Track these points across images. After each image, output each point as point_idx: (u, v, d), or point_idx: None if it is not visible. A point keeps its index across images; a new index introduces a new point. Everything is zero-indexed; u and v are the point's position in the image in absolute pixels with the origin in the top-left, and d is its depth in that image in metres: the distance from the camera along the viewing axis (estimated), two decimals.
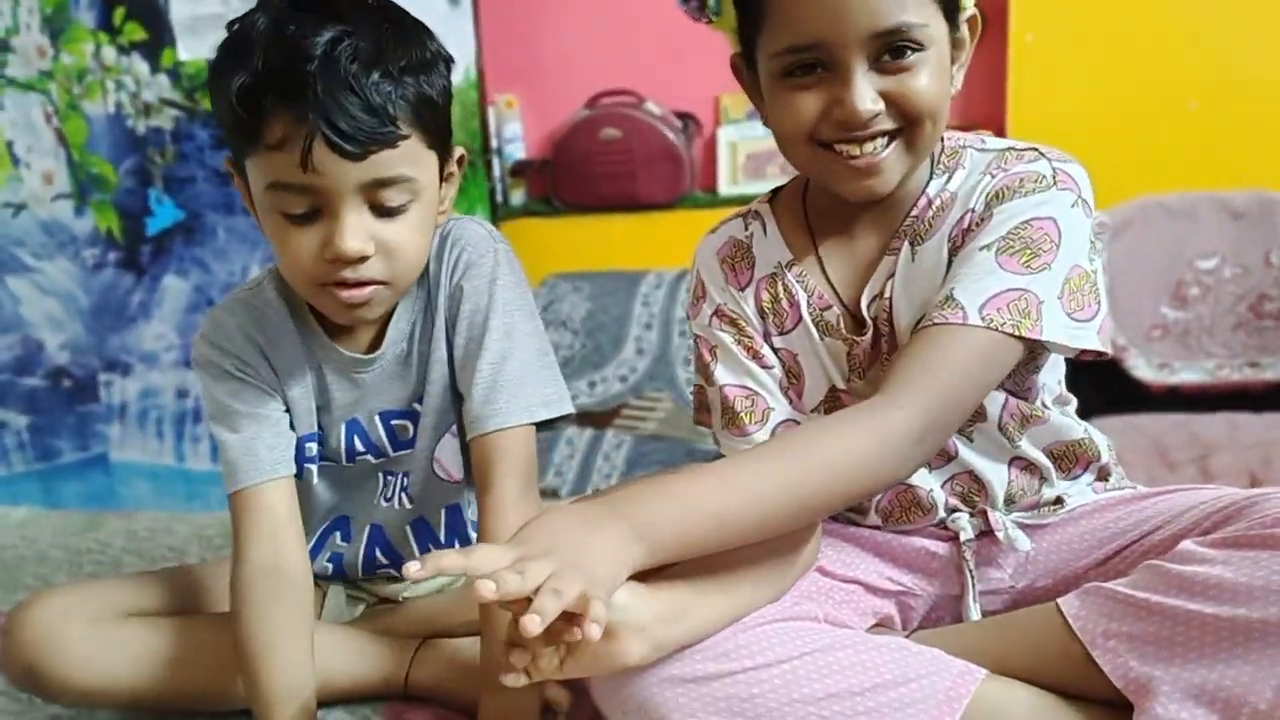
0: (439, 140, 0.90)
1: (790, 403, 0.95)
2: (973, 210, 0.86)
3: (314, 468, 1.04)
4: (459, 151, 0.95)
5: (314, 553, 1.10)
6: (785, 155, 0.88)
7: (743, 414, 0.93)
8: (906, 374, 0.79)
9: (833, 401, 0.94)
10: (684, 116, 2.44)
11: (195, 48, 1.86)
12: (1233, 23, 2.12)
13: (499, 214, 2.51)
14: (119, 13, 1.90)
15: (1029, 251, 0.81)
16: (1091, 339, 0.82)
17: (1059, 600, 0.81)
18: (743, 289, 0.95)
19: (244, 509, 0.95)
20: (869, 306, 0.90)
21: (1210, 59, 2.14)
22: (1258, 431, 1.80)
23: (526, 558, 0.65)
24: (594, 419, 2.13)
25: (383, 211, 0.86)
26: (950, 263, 0.85)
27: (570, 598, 0.63)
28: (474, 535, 1.11)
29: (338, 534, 1.11)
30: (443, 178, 0.93)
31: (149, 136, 1.95)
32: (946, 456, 0.92)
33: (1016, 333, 0.79)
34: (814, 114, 0.81)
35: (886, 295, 0.88)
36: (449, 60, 0.91)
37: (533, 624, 0.61)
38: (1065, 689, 0.80)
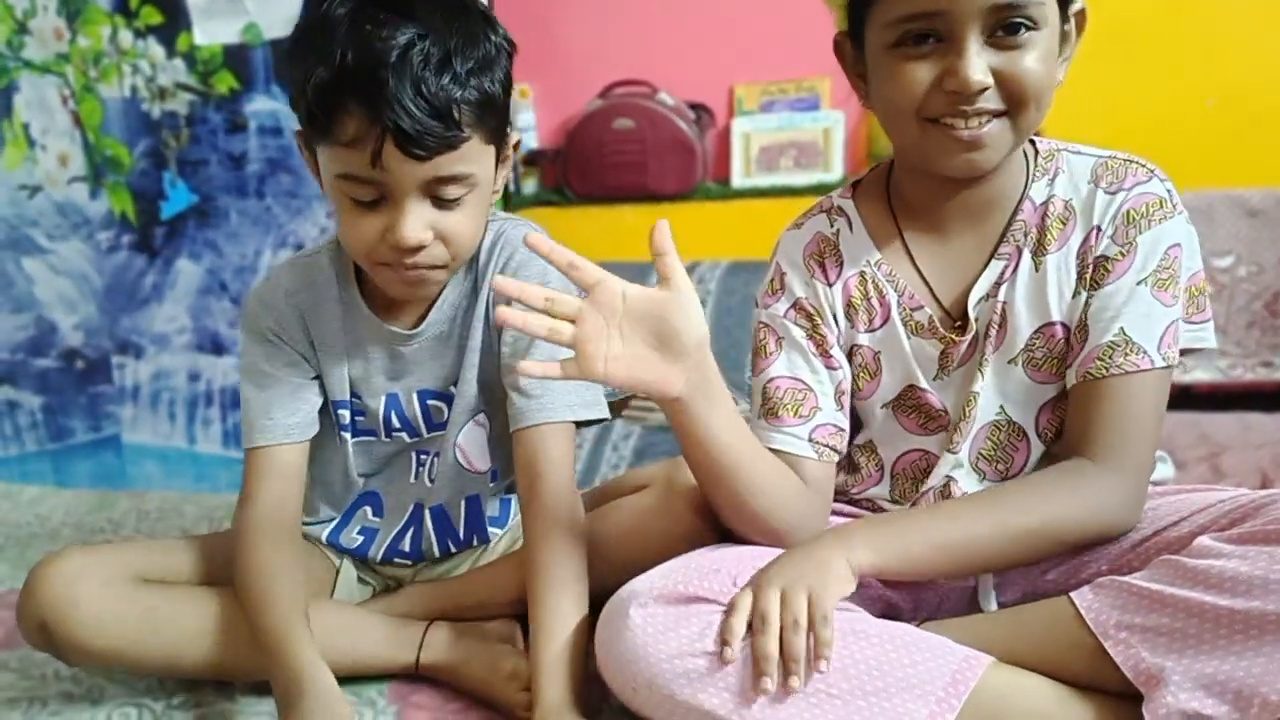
0: (498, 134, 0.93)
1: (855, 395, 0.98)
2: (1098, 229, 0.88)
3: (349, 437, 1.06)
4: (515, 137, 0.99)
5: (343, 525, 1.12)
6: (889, 131, 0.90)
7: (787, 406, 0.94)
8: (1115, 437, 0.85)
9: (908, 398, 0.96)
10: (697, 107, 2.44)
11: (211, 32, 1.86)
12: (1252, 21, 2.11)
13: (511, 203, 2.51)
14: None
15: (1173, 281, 0.87)
16: (1209, 338, 0.90)
17: (1072, 593, 0.82)
18: (830, 285, 0.96)
19: (255, 465, 1.01)
20: (975, 307, 0.91)
21: (1229, 57, 2.12)
22: (1269, 431, 1.79)
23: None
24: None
25: (442, 203, 0.90)
26: (1079, 277, 0.89)
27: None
28: (491, 530, 1.13)
29: (369, 508, 1.12)
30: (499, 163, 0.96)
31: (164, 120, 1.95)
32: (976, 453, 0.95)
33: (1176, 361, 0.86)
34: (925, 85, 0.83)
35: (999, 299, 0.91)
36: (511, 48, 0.94)
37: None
38: (1075, 680, 0.80)
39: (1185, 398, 1.98)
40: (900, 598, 0.96)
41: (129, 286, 2.04)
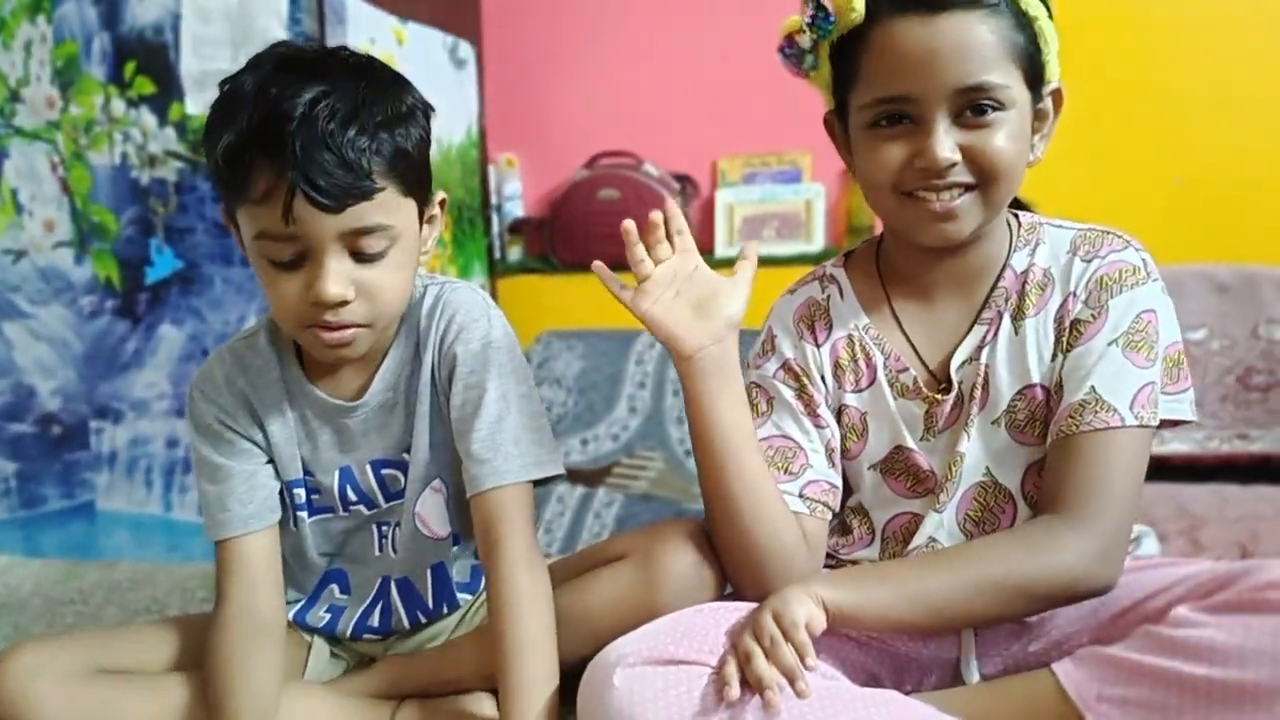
0: (416, 187, 0.93)
1: (844, 455, 1.00)
2: (1074, 294, 0.91)
3: (306, 517, 1.05)
4: (439, 195, 0.98)
5: (310, 604, 1.10)
6: (870, 203, 0.95)
7: (777, 465, 0.97)
8: (1083, 494, 0.86)
9: (896, 460, 0.97)
10: (681, 178, 2.48)
11: (204, 102, 1.89)
12: (1219, 102, 2.18)
13: (496, 270, 2.53)
14: (130, 66, 1.93)
15: (1146, 344, 0.88)
16: (1185, 410, 0.92)
17: (1053, 665, 0.82)
18: (819, 346, 0.99)
19: (222, 559, 1.00)
20: (958, 370, 0.94)
21: (1197, 137, 2.19)
22: (1246, 504, 1.80)
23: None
24: (585, 477, 2.12)
25: (363, 258, 0.90)
26: (1056, 340, 0.91)
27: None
28: (461, 597, 1.11)
29: (335, 586, 1.10)
30: (423, 220, 0.96)
31: (152, 187, 1.97)
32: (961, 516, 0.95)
33: (1153, 423, 0.87)
34: (898, 162, 0.88)
35: (981, 361, 0.93)
36: (427, 110, 0.95)
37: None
38: None
39: (1162, 469, 1.99)
40: (882, 668, 0.95)
41: (109, 352, 2.04)
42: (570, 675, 0.90)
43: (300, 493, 1.04)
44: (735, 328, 0.93)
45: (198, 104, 1.89)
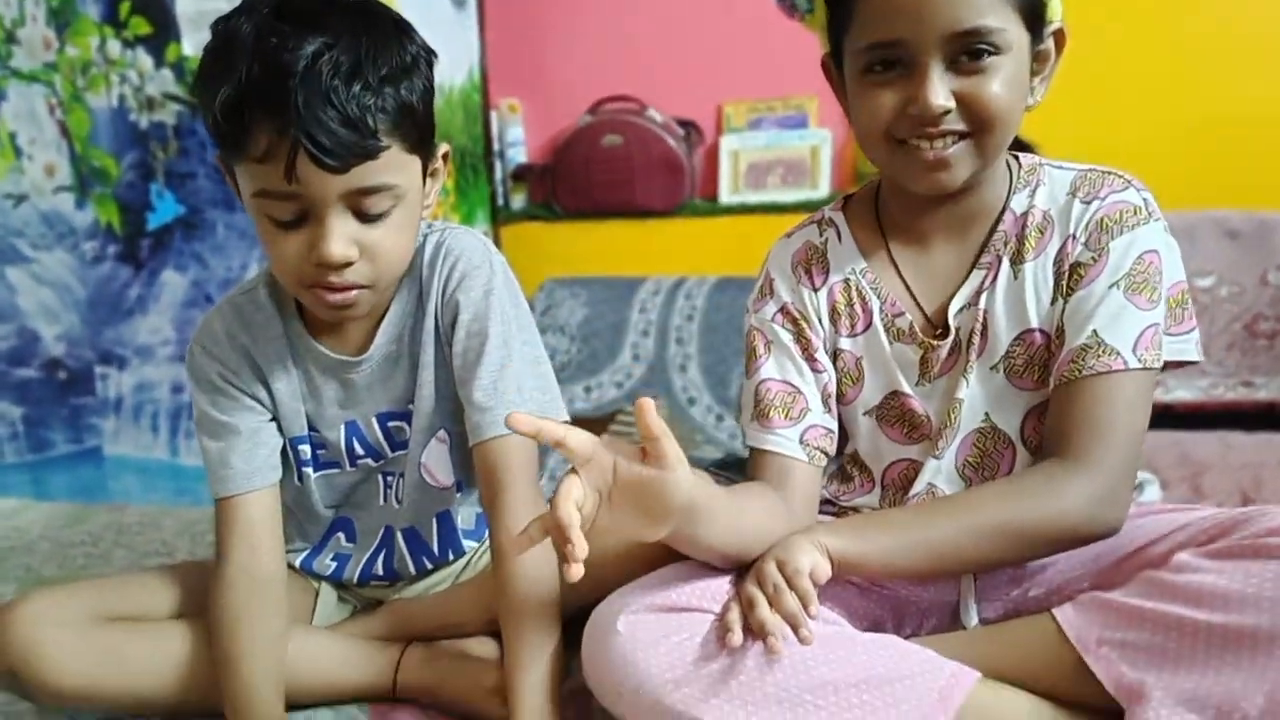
0: (420, 144, 0.91)
1: (840, 400, 0.99)
2: (1073, 237, 0.90)
3: (311, 472, 1.05)
4: (443, 148, 0.96)
5: (317, 552, 1.11)
6: (864, 150, 0.93)
7: (778, 408, 0.96)
8: (1086, 438, 0.85)
9: (891, 405, 0.97)
10: (686, 124, 2.45)
11: (200, 42, 1.87)
12: (1233, 45, 2.14)
13: (499, 218, 2.52)
14: (125, 6, 1.90)
15: (1149, 286, 0.87)
16: (1190, 351, 0.91)
17: (1054, 610, 0.82)
18: (816, 290, 0.98)
19: (222, 516, 0.99)
20: (956, 315, 0.93)
21: (1211, 80, 2.15)
22: (1249, 452, 1.80)
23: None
24: (589, 424, 2.13)
25: (366, 217, 0.88)
26: (1056, 284, 0.90)
27: None
28: (464, 543, 1.12)
29: (342, 535, 1.11)
30: (427, 175, 0.94)
31: (151, 131, 1.95)
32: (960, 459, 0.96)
33: (1157, 365, 0.86)
34: (891, 110, 0.85)
35: (980, 307, 0.92)
36: (430, 58, 0.92)
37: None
38: (1058, 696, 0.80)
39: (1166, 417, 1.99)
40: (884, 612, 0.96)
41: (113, 297, 2.03)
42: (574, 622, 0.91)
43: (305, 449, 1.04)
44: (695, 495, 0.77)
45: (194, 45, 1.87)
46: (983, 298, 0.92)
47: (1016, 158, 0.95)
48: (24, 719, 1.01)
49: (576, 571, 0.69)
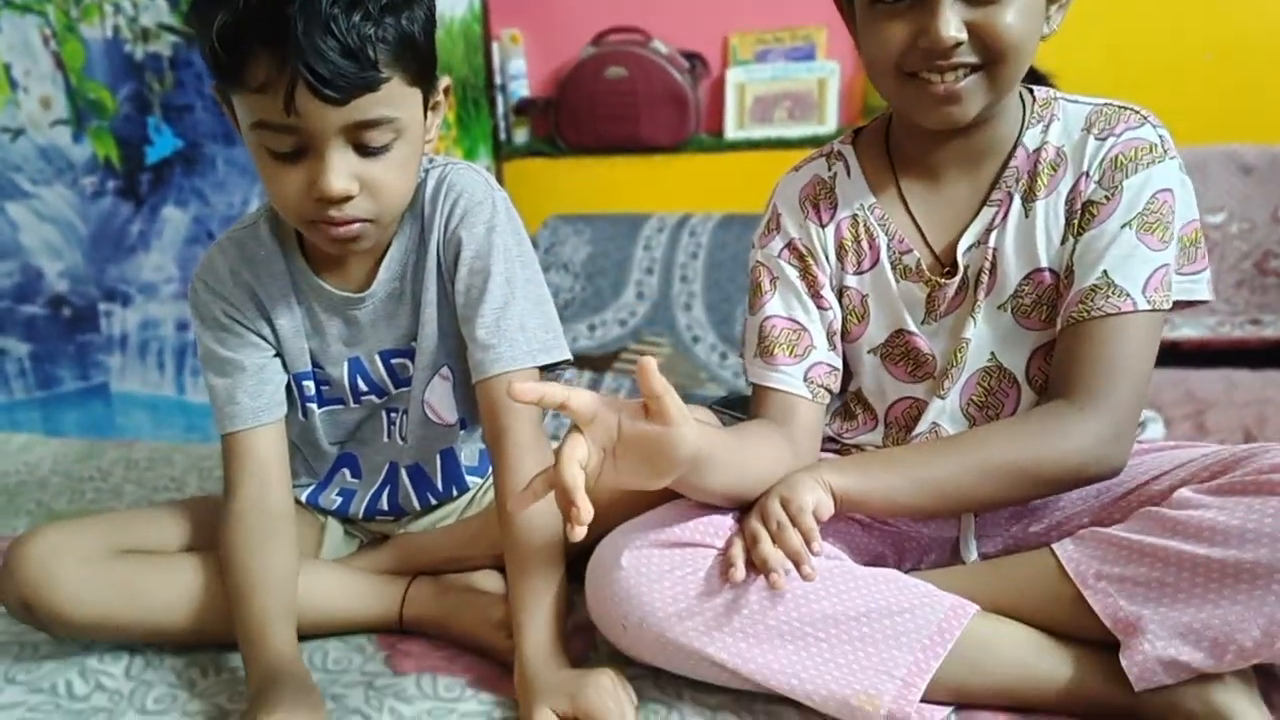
0: (422, 76, 0.89)
1: (844, 338, 0.99)
2: (1086, 174, 0.88)
3: (315, 408, 1.05)
4: (444, 81, 0.94)
5: (323, 487, 1.12)
6: (873, 83, 0.91)
7: (783, 345, 0.96)
8: (1093, 379, 0.85)
9: (896, 344, 0.97)
10: (691, 56, 2.40)
11: None
12: None
13: (501, 153, 2.48)
14: None
15: (1161, 226, 0.86)
16: (1202, 290, 0.90)
17: (1053, 545, 0.83)
18: (824, 226, 0.97)
19: (230, 453, 1.00)
20: (965, 254, 0.92)
21: (1228, 12, 2.10)
22: (1254, 389, 1.80)
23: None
24: (593, 362, 2.13)
25: (366, 151, 0.86)
26: (1067, 223, 0.89)
27: None
28: (470, 480, 1.13)
29: (347, 470, 1.12)
30: (428, 108, 0.92)
31: (147, 62, 1.91)
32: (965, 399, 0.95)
33: (1166, 306, 0.85)
34: (901, 42, 0.83)
35: (989, 245, 0.91)
36: None
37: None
38: (1056, 629, 0.81)
39: (1172, 354, 1.99)
40: (884, 546, 0.97)
41: (115, 234, 2.03)
42: (578, 557, 0.92)
43: (309, 385, 1.04)
44: (700, 445, 0.77)
45: None
46: (993, 236, 0.91)
47: (1031, 90, 0.93)
48: (40, 648, 1.03)
49: (580, 533, 0.69)
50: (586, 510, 0.69)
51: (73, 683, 0.97)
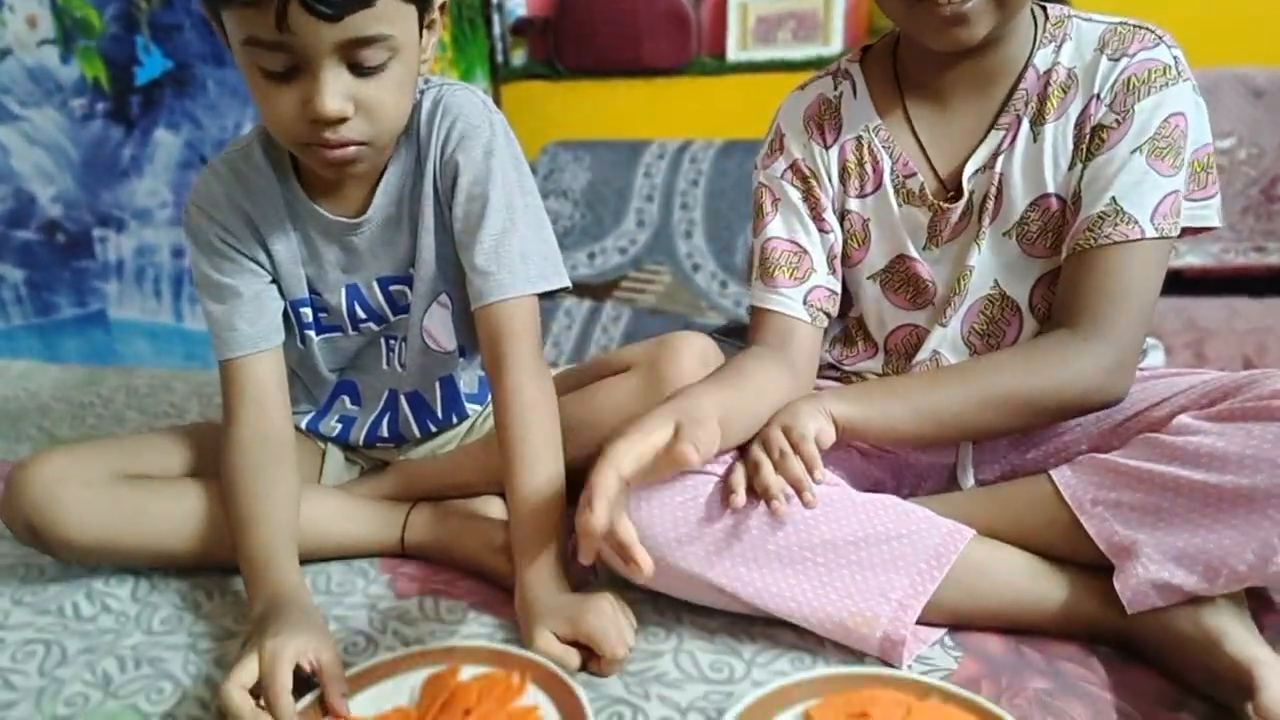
0: None
1: (845, 263, 0.98)
2: (1098, 97, 0.86)
3: (314, 335, 1.05)
4: None
5: (322, 414, 1.12)
6: (880, 6, 0.89)
7: (784, 267, 0.96)
8: (1098, 307, 0.84)
9: (897, 270, 0.96)
10: None
11: None
12: None
13: (499, 76, 2.43)
14: None
15: (1172, 151, 0.84)
16: (1211, 216, 0.88)
17: (1051, 470, 0.83)
18: (827, 147, 0.96)
19: (229, 379, 0.99)
20: (970, 179, 0.90)
21: None
22: (1255, 317, 1.80)
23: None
24: (593, 290, 2.12)
25: (361, 71, 0.84)
26: (1076, 148, 0.87)
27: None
28: (470, 407, 1.12)
29: (346, 398, 1.12)
30: (423, 27, 0.90)
31: None
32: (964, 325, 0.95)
33: (1174, 234, 0.84)
34: None
35: (996, 170, 0.90)
36: None
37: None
38: (1052, 554, 0.82)
39: (1174, 282, 1.98)
40: (883, 473, 0.98)
41: (107, 158, 2.00)
42: (576, 482, 0.92)
43: (307, 311, 1.04)
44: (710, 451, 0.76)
45: None
46: (999, 160, 0.90)
47: (1044, 8, 0.91)
48: (46, 571, 1.05)
49: (648, 571, 0.72)
50: (648, 564, 0.72)
51: (79, 605, 0.98)
